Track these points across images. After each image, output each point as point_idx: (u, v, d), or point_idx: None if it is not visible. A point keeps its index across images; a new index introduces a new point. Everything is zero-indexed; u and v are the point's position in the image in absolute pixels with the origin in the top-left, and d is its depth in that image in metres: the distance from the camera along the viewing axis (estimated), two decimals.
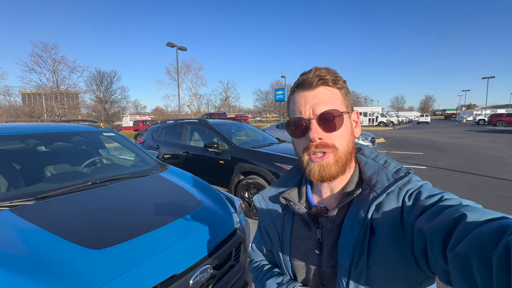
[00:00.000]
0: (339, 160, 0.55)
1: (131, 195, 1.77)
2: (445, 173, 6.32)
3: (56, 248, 1.12)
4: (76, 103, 31.51)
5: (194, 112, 47.95)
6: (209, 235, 1.44)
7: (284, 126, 7.99)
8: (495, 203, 4.12)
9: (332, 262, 0.57)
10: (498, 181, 5.44)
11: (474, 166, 6.92)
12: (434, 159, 8.20)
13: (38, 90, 24.75)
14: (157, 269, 1.13)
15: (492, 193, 4.63)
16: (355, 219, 0.54)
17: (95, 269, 1.04)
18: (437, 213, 0.43)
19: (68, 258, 1.07)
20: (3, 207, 1.43)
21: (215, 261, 1.36)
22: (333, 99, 0.56)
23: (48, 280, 0.96)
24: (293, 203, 0.63)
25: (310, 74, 0.56)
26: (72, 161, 2.29)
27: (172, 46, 18.46)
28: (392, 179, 0.54)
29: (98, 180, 1.89)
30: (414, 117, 50.69)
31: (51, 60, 22.65)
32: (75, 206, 1.52)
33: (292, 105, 0.60)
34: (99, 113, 38.83)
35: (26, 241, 1.15)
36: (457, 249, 0.34)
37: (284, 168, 3.43)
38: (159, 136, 5.16)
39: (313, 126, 0.55)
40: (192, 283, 1.20)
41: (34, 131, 2.14)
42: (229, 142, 4.12)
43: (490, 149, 10.06)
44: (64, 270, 1.01)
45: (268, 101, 54.62)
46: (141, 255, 1.16)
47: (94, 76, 40.58)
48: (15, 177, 1.83)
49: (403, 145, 12.14)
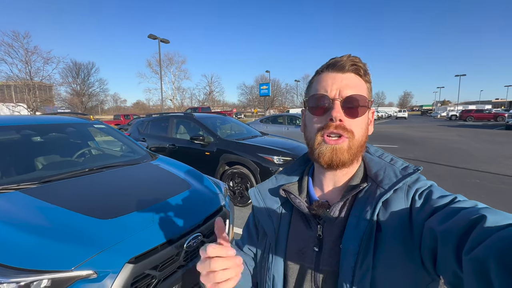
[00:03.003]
0: (352, 147, 0.54)
1: (127, 179, 1.98)
2: (415, 163, 6.85)
3: (70, 218, 1.33)
4: (50, 96, 29.98)
5: (177, 106, 47.14)
6: (200, 209, 1.69)
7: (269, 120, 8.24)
8: (454, 189, 4.66)
9: (332, 260, 0.54)
10: (459, 170, 6.07)
11: (440, 158, 7.59)
12: (406, 152, 8.86)
13: (6, 82, 23.31)
14: (157, 234, 1.37)
15: (452, 180, 5.20)
16: (360, 216, 0.52)
17: (105, 233, 1.27)
18: (452, 214, 0.41)
19: (82, 226, 1.29)
20: (11, 189, 1.59)
21: (205, 231, 1.61)
22: (361, 87, 0.55)
23: (72, 242, 1.18)
24: (293, 196, 0.60)
25: (344, 57, 0.55)
26: (67, 151, 2.44)
27: (154, 38, 18.11)
28: (400, 175, 0.53)
29: (95, 167, 2.07)
30: (393, 113, 52.12)
31: (23, 50, 21.35)
32: (78, 188, 1.71)
33: (315, 84, 0.57)
34: (75, 107, 37.18)
35: (43, 214, 1.35)
36: (475, 252, 0.32)
37: (267, 159, 3.71)
38: (145, 130, 5.27)
39: (336, 106, 0.53)
40: (186, 247, 1.45)
41: (30, 123, 2.26)
42: (215, 135, 4.34)
43: (457, 143, 10.95)
44: (82, 235, 1.24)
45: (252, 96, 54.80)
46: (142, 224, 1.39)
47: (70, 67, 38.81)
48: (15, 164, 1.97)
49: (381, 139, 12.85)
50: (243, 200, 3.97)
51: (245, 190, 3.92)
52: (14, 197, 1.49)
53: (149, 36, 17.94)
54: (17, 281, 1.03)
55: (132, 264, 1.20)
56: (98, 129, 2.85)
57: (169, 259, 1.37)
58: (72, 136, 2.64)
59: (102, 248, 1.19)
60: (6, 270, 1.04)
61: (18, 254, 1.10)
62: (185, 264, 1.48)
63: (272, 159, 3.70)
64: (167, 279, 1.36)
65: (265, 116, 11.44)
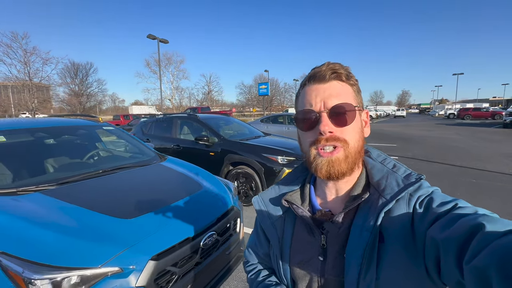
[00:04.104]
0: (349, 156, 0.53)
1: (140, 180, 2.04)
2: (413, 162, 7.00)
3: (93, 218, 1.40)
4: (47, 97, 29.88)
5: (175, 106, 47.12)
6: (213, 209, 1.76)
7: (270, 120, 8.30)
8: (452, 188, 4.75)
9: (337, 270, 0.54)
10: (456, 168, 6.17)
11: (439, 156, 7.69)
12: (405, 150, 8.96)
13: (3, 82, 23.22)
14: (175, 233, 1.44)
15: (449, 179, 5.30)
16: (363, 226, 0.51)
17: (128, 232, 1.34)
18: (452, 221, 0.41)
19: (106, 225, 1.36)
20: (31, 190, 1.65)
21: (219, 229, 1.68)
22: (345, 93, 0.55)
23: (97, 240, 1.25)
24: (296, 206, 0.60)
25: (323, 67, 0.55)
26: (79, 153, 2.50)
27: (153, 38, 18.10)
28: (402, 185, 0.52)
29: (108, 169, 2.13)
30: (391, 111, 52.26)
31: (22, 51, 21.30)
32: (95, 189, 1.78)
33: (301, 99, 0.57)
34: (74, 107, 37.05)
35: (67, 214, 1.41)
36: (475, 261, 0.32)
37: (271, 159, 3.78)
38: (149, 130, 5.33)
39: (323, 119, 0.52)
40: (202, 245, 1.52)
41: (43, 125, 2.32)
42: (219, 135, 4.40)
43: (455, 141, 11.06)
44: (106, 234, 1.31)
45: (251, 95, 54.81)
46: (161, 223, 1.46)
47: (68, 68, 38.66)
48: (31, 166, 2.03)
49: (380, 138, 12.95)
50: (247, 199, 4.04)
51: (249, 189, 3.99)
52: (36, 198, 1.55)
53: (148, 36, 17.93)
54: (50, 278, 1.09)
55: (154, 261, 1.27)
56: (107, 131, 2.91)
57: (187, 256, 1.44)
58: (83, 138, 2.70)
59: (126, 246, 1.26)
60: (39, 267, 1.10)
61: (48, 252, 1.17)
62: (202, 261, 1.55)
63: (276, 159, 3.77)
64: (185, 276, 1.43)
65: (265, 116, 11.51)
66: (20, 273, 1.08)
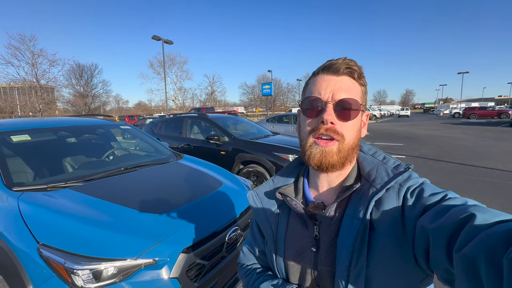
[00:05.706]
0: (342, 150, 0.55)
1: (162, 177, 2.09)
2: (422, 161, 6.98)
3: (125, 212, 1.45)
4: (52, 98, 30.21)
5: (179, 106, 47.35)
6: (235, 204, 1.80)
7: (276, 120, 8.34)
8: (464, 185, 4.74)
9: (329, 260, 0.56)
10: (466, 167, 6.14)
11: (447, 155, 7.66)
12: (412, 149, 8.93)
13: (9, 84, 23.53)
14: (203, 228, 1.48)
15: (461, 177, 5.28)
16: (354, 215, 0.53)
17: (159, 226, 1.39)
18: (443, 211, 0.42)
19: (138, 219, 1.41)
20: (60, 187, 1.71)
21: (241, 224, 1.72)
22: (354, 91, 0.56)
23: (132, 234, 1.30)
24: (289, 198, 0.61)
25: (339, 61, 0.56)
26: (99, 151, 2.56)
27: (158, 39, 18.24)
28: (391, 174, 0.54)
29: (129, 166, 2.18)
30: (395, 111, 51.79)
31: (30, 53, 21.63)
32: (121, 185, 1.83)
33: (311, 86, 0.58)
34: (79, 108, 37.48)
35: (99, 209, 1.47)
36: (465, 250, 0.33)
37: (283, 157, 3.82)
38: (159, 130, 5.39)
39: (328, 109, 0.54)
40: (227, 239, 1.56)
41: (65, 124, 2.38)
42: (229, 135, 4.45)
43: (461, 140, 10.99)
44: (139, 227, 1.36)
45: (254, 95, 54.90)
46: (189, 218, 1.51)
47: (74, 69, 39.07)
48: (56, 164, 2.09)
49: (386, 137, 12.92)
50: None
51: None
52: (67, 194, 1.61)
53: (153, 37, 18.07)
54: (91, 268, 1.14)
55: (185, 254, 1.32)
56: (124, 130, 2.97)
57: (214, 250, 1.48)
58: (102, 137, 2.76)
59: (159, 239, 1.30)
60: (80, 258, 1.15)
61: (88, 244, 1.22)
62: (227, 255, 1.59)
63: (287, 158, 3.80)
64: (213, 269, 1.47)
65: (270, 116, 11.55)
66: (62, 264, 1.13)
